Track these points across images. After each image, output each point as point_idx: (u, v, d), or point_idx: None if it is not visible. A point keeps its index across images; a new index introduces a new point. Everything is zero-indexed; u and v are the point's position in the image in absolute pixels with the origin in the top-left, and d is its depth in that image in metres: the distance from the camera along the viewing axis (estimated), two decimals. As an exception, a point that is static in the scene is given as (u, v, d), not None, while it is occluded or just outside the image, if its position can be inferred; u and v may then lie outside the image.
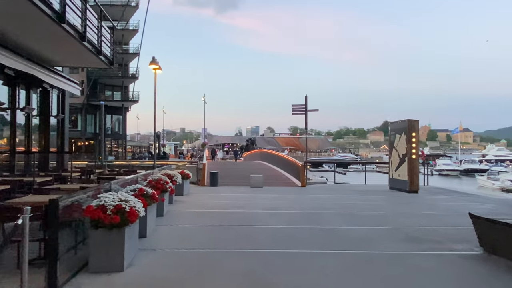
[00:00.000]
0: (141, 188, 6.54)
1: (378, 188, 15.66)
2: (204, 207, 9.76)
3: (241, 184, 16.49)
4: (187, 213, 8.94)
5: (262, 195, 12.55)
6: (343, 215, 8.67)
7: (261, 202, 10.73)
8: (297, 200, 11.49)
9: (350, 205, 10.31)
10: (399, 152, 14.29)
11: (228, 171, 20.97)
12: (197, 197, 11.95)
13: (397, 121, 14.80)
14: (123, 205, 4.82)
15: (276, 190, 14.42)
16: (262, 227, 7.19)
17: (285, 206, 10.11)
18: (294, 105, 17.58)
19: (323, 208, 9.75)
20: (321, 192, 13.92)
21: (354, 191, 14.09)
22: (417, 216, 8.76)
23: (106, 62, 11.32)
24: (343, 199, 11.88)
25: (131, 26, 45.60)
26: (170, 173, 10.66)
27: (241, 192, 13.55)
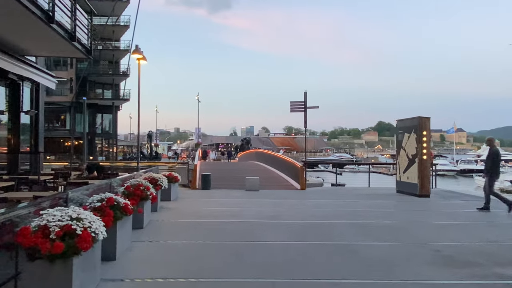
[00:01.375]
0: (110, 197, 5.24)
1: (384, 191, 14.47)
2: (192, 216, 8.47)
3: (235, 186, 15.22)
4: (172, 224, 7.65)
5: (259, 200, 11.30)
6: (354, 226, 7.43)
7: (258, 209, 9.47)
8: (298, 206, 10.25)
9: (358, 213, 9.09)
10: (408, 153, 13.11)
11: (221, 172, 19.67)
12: (187, 203, 10.66)
13: (405, 119, 13.62)
14: (74, 226, 3.54)
15: (274, 194, 13.17)
16: (261, 244, 5.93)
17: (286, 213, 8.86)
18: (292, 102, 16.35)
19: (330, 217, 8.51)
20: (323, 196, 12.70)
21: (358, 195, 12.89)
22: (439, 227, 7.56)
23: (82, 50, 10.00)
24: (349, 204, 10.66)
25: (122, 22, 44.09)
26: (155, 176, 9.37)
27: (236, 197, 12.28)
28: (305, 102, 16.04)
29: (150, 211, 8.27)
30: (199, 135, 69.56)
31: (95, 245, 3.76)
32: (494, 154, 9.18)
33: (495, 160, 9.09)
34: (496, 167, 9.14)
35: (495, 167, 9.12)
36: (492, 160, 9.08)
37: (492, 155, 9.18)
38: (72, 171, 13.02)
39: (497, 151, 9.29)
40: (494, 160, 9.08)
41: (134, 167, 17.79)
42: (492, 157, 9.14)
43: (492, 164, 9.08)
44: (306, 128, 16.26)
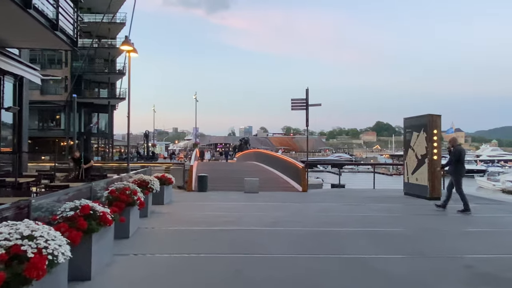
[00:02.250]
0: (86, 205, 4.45)
1: (390, 193, 13.70)
2: (186, 223, 7.67)
3: (233, 188, 14.43)
4: (162, 232, 6.84)
5: (259, 204, 10.51)
6: (366, 235, 6.65)
7: (258, 215, 8.68)
8: (301, 210, 9.45)
9: (368, 218, 8.31)
10: (417, 153, 12.34)
11: (219, 173, 18.87)
12: (181, 207, 9.86)
13: (414, 117, 12.84)
14: (25, 247, 2.74)
15: (274, 197, 12.38)
16: (263, 258, 5.14)
17: (289, 219, 8.07)
18: (294, 99, 15.55)
19: (337, 223, 7.73)
20: (327, 199, 11.91)
21: (365, 198, 12.11)
22: (461, 235, 6.78)
23: (66, 41, 9.18)
24: (356, 209, 9.88)
25: (118, 19, 43.20)
26: (145, 178, 8.57)
27: (234, 200, 11.48)
28: (306, 99, 15.25)
29: (139, 216, 7.47)
30: (197, 135, 68.72)
31: (55, 269, 2.97)
32: (457, 152, 9.22)
33: (458, 158, 9.15)
34: (461, 166, 9.23)
35: (459, 166, 9.21)
36: (455, 159, 9.15)
37: (454, 154, 9.23)
38: (59, 172, 12.24)
39: (460, 150, 9.32)
40: (458, 158, 9.14)
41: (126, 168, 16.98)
42: (455, 156, 9.19)
43: (456, 164, 9.16)
44: (307, 126, 15.49)
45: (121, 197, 6.15)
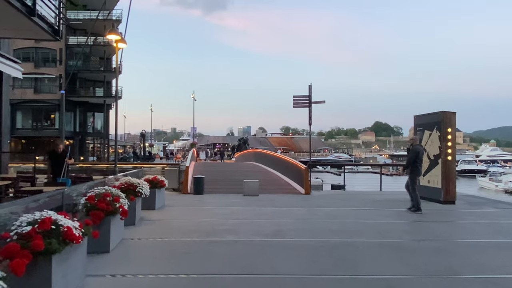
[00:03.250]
0: (46, 219, 3.55)
1: (398, 196, 12.81)
2: (178, 232, 6.77)
3: (232, 191, 13.53)
4: (149, 245, 5.94)
5: (260, 209, 9.61)
6: (385, 247, 5.77)
7: (259, 222, 7.78)
8: (307, 216, 8.56)
9: (382, 226, 7.43)
10: (429, 153, 11.46)
11: (217, 174, 17.97)
12: (173, 213, 8.95)
13: (425, 114, 11.97)
14: None
15: (276, 200, 11.48)
16: (268, 279, 4.24)
17: (295, 227, 7.18)
18: (296, 96, 14.65)
19: (350, 232, 6.83)
20: (332, 203, 11.02)
21: (372, 202, 11.23)
22: (495, 247, 5.89)
23: (47, 29, 8.26)
24: (366, 214, 9.00)
25: (114, 16, 42.16)
26: (133, 181, 7.67)
27: (232, 204, 10.58)
28: (309, 96, 14.36)
29: (125, 224, 6.58)
30: (194, 135, 67.77)
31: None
32: (415, 152, 9.24)
33: (415, 158, 9.15)
34: (417, 165, 9.21)
35: (416, 165, 9.19)
36: (414, 158, 9.16)
37: (413, 153, 9.26)
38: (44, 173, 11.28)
39: (418, 150, 9.32)
40: (415, 158, 9.14)
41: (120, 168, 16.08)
42: (412, 155, 9.23)
43: (413, 162, 9.17)
44: (310, 125, 14.57)
45: (99, 205, 5.25)
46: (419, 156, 9.22)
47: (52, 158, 8.62)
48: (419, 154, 9.23)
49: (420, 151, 9.34)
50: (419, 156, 9.22)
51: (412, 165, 9.20)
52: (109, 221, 5.37)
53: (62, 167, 8.58)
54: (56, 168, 8.49)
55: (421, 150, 9.48)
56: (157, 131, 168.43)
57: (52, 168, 8.59)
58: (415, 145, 9.43)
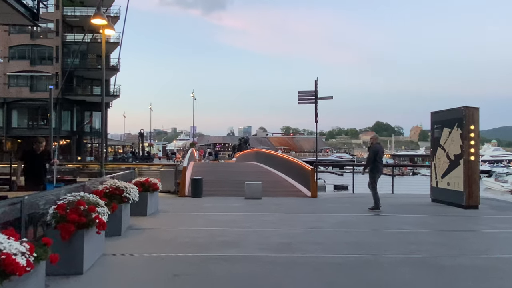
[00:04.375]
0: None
1: (413, 199, 11.85)
2: (170, 245, 5.77)
3: (232, 193, 12.56)
4: (134, 263, 4.95)
5: (264, 215, 8.62)
6: (418, 266, 4.79)
7: (264, 232, 6.80)
8: (317, 225, 7.57)
9: (406, 237, 6.45)
10: (448, 152, 10.48)
11: (216, 175, 17.00)
12: (167, 220, 7.97)
13: (444, 110, 10.98)
14: None
15: (281, 204, 10.49)
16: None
17: (305, 239, 6.19)
18: (301, 92, 13.66)
19: (370, 245, 5.84)
20: (343, 208, 10.02)
21: (387, 207, 10.21)
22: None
23: (24, 13, 7.28)
24: (383, 222, 8.02)
25: (112, 12, 41.20)
26: (120, 185, 6.69)
27: (233, 209, 9.60)
28: (315, 91, 13.36)
29: (107, 236, 5.62)
30: (195, 135, 66.80)
31: None
32: (375, 150, 9.23)
33: (374, 156, 9.13)
34: (377, 163, 9.16)
35: (376, 163, 9.14)
36: (373, 157, 9.14)
37: (371, 152, 9.30)
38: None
39: (377, 148, 9.31)
40: (374, 157, 9.13)
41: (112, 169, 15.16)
42: (372, 154, 9.24)
43: (373, 161, 9.16)
44: (317, 122, 13.59)
45: (69, 217, 4.27)
46: (379, 155, 9.24)
47: (27, 159, 7.40)
48: (379, 153, 9.25)
49: (380, 150, 9.36)
50: (379, 155, 9.24)
51: (372, 164, 9.18)
52: (82, 235, 4.39)
53: (41, 171, 7.48)
54: (33, 172, 7.34)
55: (381, 149, 9.50)
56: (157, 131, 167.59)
57: (27, 171, 7.37)
58: (375, 144, 9.49)
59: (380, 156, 9.24)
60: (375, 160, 9.15)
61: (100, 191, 6.34)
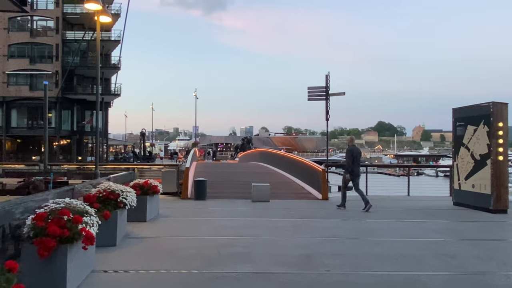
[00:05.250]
0: None
1: (433, 203, 11.06)
2: (171, 258, 4.99)
3: (238, 195, 11.80)
4: (128, 283, 4.16)
5: (275, 221, 7.84)
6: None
7: (278, 241, 6.01)
8: (337, 232, 6.78)
9: (442, 248, 5.67)
10: (473, 152, 9.67)
11: (220, 176, 16.23)
12: (168, 226, 7.20)
13: (468, 106, 10.16)
14: None
15: (291, 208, 9.71)
16: None
17: (326, 251, 5.40)
18: (311, 88, 12.85)
19: (405, 260, 5.04)
20: (360, 213, 9.20)
21: (407, 211, 9.46)
22: None
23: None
24: (412, 229, 7.23)
25: (113, 10, 40.49)
26: (115, 188, 5.92)
27: (240, 213, 8.82)
28: (326, 87, 12.56)
29: (101, 246, 4.87)
30: (197, 134, 66.08)
31: None
32: (349, 153, 9.29)
33: (352, 159, 9.13)
34: (353, 165, 9.14)
35: (350, 165, 9.15)
36: (351, 160, 9.14)
37: (347, 156, 9.32)
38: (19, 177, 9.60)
39: (351, 150, 9.30)
40: (352, 159, 9.13)
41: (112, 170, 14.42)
42: (348, 158, 9.24)
43: (348, 162, 9.20)
44: (328, 120, 12.78)
45: (49, 230, 3.50)
46: (354, 155, 9.21)
47: None
48: (353, 153, 9.24)
49: (354, 151, 9.32)
50: (354, 155, 9.21)
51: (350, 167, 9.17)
52: (65, 251, 3.62)
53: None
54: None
55: (355, 149, 9.43)
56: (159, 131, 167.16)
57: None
58: (350, 146, 9.58)
59: (356, 158, 9.22)
60: (353, 162, 9.15)
61: (92, 195, 5.58)
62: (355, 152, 9.25)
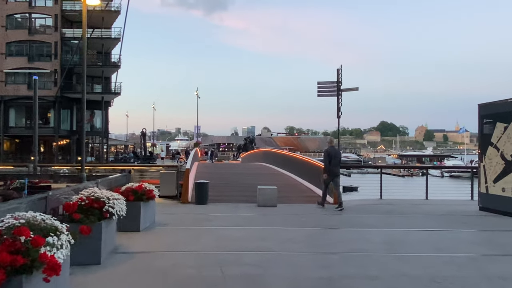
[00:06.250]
0: None
1: (455, 207, 10.12)
2: (165, 283, 4.09)
3: (242, 199, 10.91)
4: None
5: (285, 230, 6.92)
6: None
7: (293, 258, 5.09)
8: (361, 245, 5.85)
9: (487, 265, 4.78)
10: (504, 152, 8.72)
11: (222, 178, 15.35)
12: (165, 237, 6.30)
13: (498, 102, 9.22)
14: None
15: (302, 214, 8.80)
16: None
17: (352, 272, 4.49)
18: (321, 83, 11.93)
19: (449, 283, 4.13)
20: (379, 220, 8.27)
21: (432, 216, 8.54)
22: None
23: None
24: (444, 240, 6.31)
25: (113, 7, 39.61)
26: (100, 195, 5.03)
27: (246, 221, 7.91)
28: (338, 82, 11.63)
29: (84, 264, 3.98)
30: (198, 134, 65.24)
31: None
32: (325, 153, 9.64)
33: (329, 160, 9.32)
34: (330, 165, 9.34)
35: (328, 165, 9.37)
36: (328, 161, 9.35)
37: (324, 157, 9.60)
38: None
39: (329, 151, 9.52)
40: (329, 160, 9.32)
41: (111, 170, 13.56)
42: (325, 159, 9.49)
43: (325, 163, 9.45)
44: (339, 118, 11.85)
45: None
46: (331, 156, 9.38)
47: None
48: (330, 154, 9.40)
49: (331, 152, 9.49)
50: (331, 156, 9.38)
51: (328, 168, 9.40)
52: (19, 284, 2.72)
53: None
54: None
55: (332, 151, 9.58)
56: (161, 131, 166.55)
57: None
58: (329, 147, 9.79)
59: (332, 158, 9.35)
60: (330, 163, 9.33)
61: (72, 204, 4.69)
62: (332, 153, 9.44)
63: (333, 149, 9.76)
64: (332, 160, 9.30)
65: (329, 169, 9.32)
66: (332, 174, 9.36)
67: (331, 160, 9.30)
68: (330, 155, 9.37)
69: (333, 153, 9.45)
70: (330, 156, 9.34)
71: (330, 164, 9.29)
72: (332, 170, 9.31)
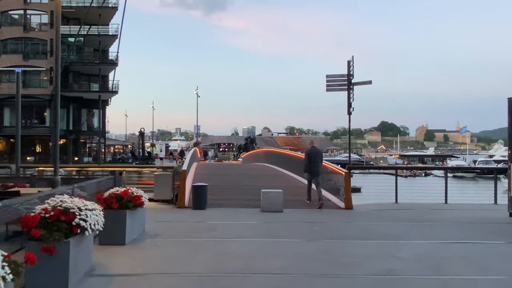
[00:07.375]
0: None
1: (479, 213, 9.13)
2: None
3: (244, 203, 9.92)
4: None
5: (295, 242, 5.91)
6: None
7: (309, 284, 4.08)
8: (391, 265, 4.83)
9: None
10: (541, 152, 7.73)
11: (222, 179, 14.36)
12: (154, 253, 5.28)
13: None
14: None
15: (312, 222, 7.78)
16: None
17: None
18: (330, 76, 10.91)
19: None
20: (402, 229, 7.24)
21: (458, 224, 7.54)
22: None
23: None
24: (481, 257, 5.29)
25: (110, 3, 38.59)
26: (69, 205, 4.01)
27: (249, 231, 6.89)
28: (348, 75, 10.62)
29: None
30: (198, 134, 64.23)
31: None
32: (305, 153, 10.23)
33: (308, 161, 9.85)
34: (310, 165, 9.81)
35: (307, 165, 9.87)
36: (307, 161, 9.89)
37: (304, 155, 10.27)
38: None
39: (308, 152, 10.09)
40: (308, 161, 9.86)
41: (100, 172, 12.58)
42: (305, 159, 10.03)
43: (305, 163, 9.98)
44: (350, 114, 10.84)
45: None
46: (310, 156, 9.90)
47: None
48: (310, 154, 9.93)
49: (310, 152, 10.00)
50: (310, 156, 9.90)
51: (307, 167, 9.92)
52: None
53: None
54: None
55: (312, 151, 10.05)
56: (161, 131, 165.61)
57: None
58: (310, 147, 10.36)
59: (313, 159, 9.82)
60: (309, 163, 9.81)
61: (33, 217, 3.70)
62: (312, 153, 9.96)
63: (314, 150, 10.24)
64: (311, 160, 9.85)
65: (309, 168, 9.86)
66: (313, 173, 9.87)
67: (310, 160, 9.84)
68: (310, 155, 9.94)
69: (312, 153, 9.98)
70: (310, 156, 9.92)
71: (310, 164, 9.83)
72: (312, 169, 9.83)
